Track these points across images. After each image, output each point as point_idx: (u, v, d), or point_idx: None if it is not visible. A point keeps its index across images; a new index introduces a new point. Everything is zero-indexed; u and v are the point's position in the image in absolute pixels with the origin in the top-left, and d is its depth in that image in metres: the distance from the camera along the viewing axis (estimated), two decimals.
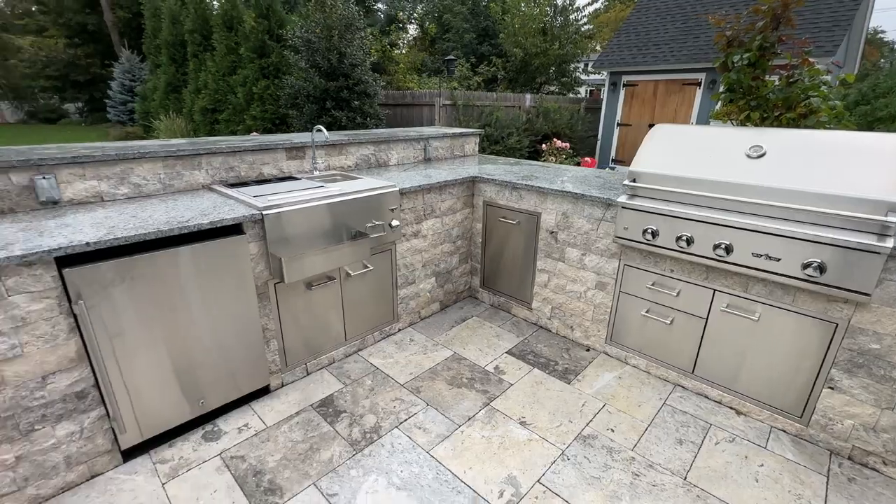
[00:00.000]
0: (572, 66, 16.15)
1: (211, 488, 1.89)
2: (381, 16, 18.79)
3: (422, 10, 21.18)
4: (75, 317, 1.72)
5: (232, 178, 2.75)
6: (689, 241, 2.30)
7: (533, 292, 3.27)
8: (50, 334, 1.69)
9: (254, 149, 2.79)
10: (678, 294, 2.49)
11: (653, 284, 2.59)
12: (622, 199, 2.54)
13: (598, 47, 18.55)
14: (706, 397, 2.52)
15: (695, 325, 2.47)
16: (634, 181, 2.52)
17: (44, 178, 2.07)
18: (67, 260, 1.68)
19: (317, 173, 3.05)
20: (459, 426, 2.28)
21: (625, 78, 10.70)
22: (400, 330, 3.20)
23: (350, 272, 2.70)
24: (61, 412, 1.78)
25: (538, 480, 1.96)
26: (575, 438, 2.21)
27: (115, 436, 1.95)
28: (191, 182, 2.58)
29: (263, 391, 2.48)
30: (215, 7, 11.15)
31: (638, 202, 2.47)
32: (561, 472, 2.00)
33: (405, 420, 2.32)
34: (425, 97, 9.28)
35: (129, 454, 2.03)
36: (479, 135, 4.60)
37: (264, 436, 2.19)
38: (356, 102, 8.01)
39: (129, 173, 2.35)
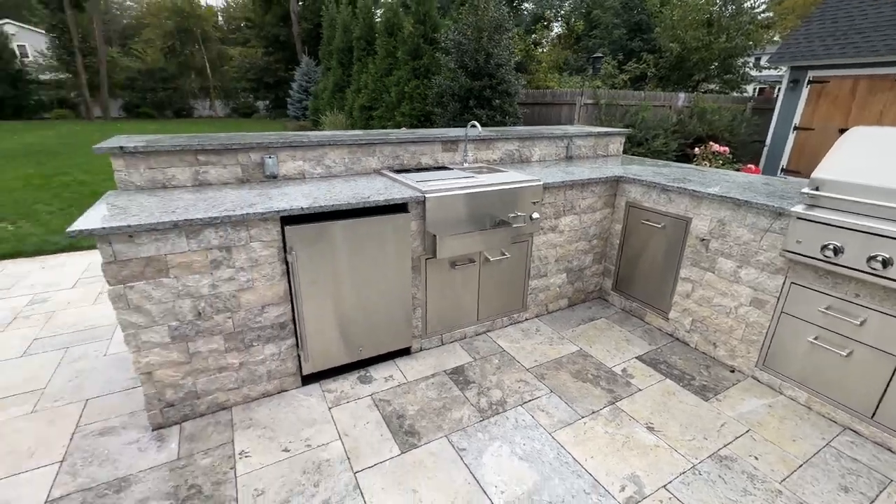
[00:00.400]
0: (740, 60, 14.16)
1: (364, 419, 2.28)
2: (527, 15, 18.84)
3: (569, 6, 20.67)
4: (287, 264, 2.23)
5: (396, 165, 3.17)
6: (887, 263, 1.96)
7: (672, 301, 3.09)
8: (270, 275, 2.22)
9: (416, 140, 3.18)
10: (862, 323, 2.15)
11: (828, 308, 2.26)
12: (798, 208, 2.27)
13: (776, 38, 15.91)
14: (889, 450, 2.13)
15: (883, 362, 2.11)
16: (817, 189, 2.23)
17: (270, 157, 2.69)
18: (286, 219, 2.18)
19: (466, 165, 3.33)
20: (582, 417, 2.33)
21: (811, 73, 9.04)
22: (527, 319, 3.32)
23: (489, 257, 2.91)
24: (269, 336, 2.32)
25: (664, 486, 1.92)
26: (709, 456, 2.08)
27: (299, 363, 2.46)
28: (365, 167, 3.06)
29: (405, 351, 2.84)
30: (378, 15, 12.51)
31: (819, 213, 2.19)
32: (691, 485, 1.92)
33: (529, 401, 2.45)
34: (566, 96, 9.13)
35: (306, 380, 2.54)
36: (626, 135, 4.44)
37: (405, 388, 2.53)
38: (497, 101, 8.28)
39: (324, 157, 2.89)
